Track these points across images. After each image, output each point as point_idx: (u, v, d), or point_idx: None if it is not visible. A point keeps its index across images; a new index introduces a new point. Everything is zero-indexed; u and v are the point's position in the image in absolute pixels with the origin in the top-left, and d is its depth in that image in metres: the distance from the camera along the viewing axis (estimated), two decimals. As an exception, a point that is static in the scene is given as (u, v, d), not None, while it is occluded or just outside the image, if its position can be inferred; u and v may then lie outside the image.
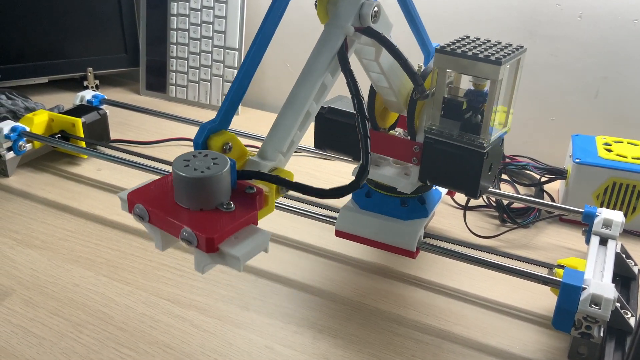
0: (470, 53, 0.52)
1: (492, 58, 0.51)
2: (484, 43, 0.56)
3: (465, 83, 0.59)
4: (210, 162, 0.42)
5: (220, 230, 0.40)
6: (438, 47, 0.54)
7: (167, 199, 0.43)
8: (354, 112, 0.63)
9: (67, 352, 0.55)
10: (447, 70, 0.55)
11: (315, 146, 0.67)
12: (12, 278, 0.64)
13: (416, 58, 0.57)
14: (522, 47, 0.56)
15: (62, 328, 0.57)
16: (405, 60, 0.50)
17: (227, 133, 0.47)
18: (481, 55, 0.52)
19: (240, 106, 1.12)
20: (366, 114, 0.46)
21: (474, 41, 0.57)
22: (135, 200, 0.43)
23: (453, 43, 0.55)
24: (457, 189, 0.60)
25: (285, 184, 0.45)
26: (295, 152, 0.91)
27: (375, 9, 0.49)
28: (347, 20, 0.48)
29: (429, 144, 0.57)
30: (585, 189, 0.76)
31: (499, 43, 0.57)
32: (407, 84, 0.58)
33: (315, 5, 0.51)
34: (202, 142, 0.46)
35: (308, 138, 0.61)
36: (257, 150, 0.48)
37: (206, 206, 0.42)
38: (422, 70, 0.58)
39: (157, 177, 0.78)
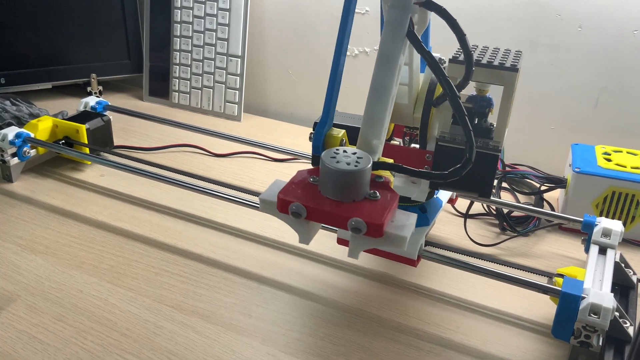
0: (484, 61, 0.54)
1: (507, 65, 0.53)
2: (484, 50, 0.58)
3: (467, 90, 0.60)
4: (355, 157, 0.46)
5: (385, 216, 0.44)
6: (449, 57, 0.55)
7: (315, 194, 0.46)
8: (354, 126, 0.65)
9: (71, 358, 0.55)
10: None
11: (313, 164, 0.67)
12: (17, 284, 0.65)
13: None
14: (520, 51, 0.57)
15: (66, 334, 0.58)
16: (464, 35, 0.51)
17: (338, 130, 0.51)
18: (496, 63, 0.53)
19: (242, 112, 1.13)
20: (458, 93, 0.47)
21: (474, 49, 0.58)
22: (288, 199, 0.46)
23: (458, 52, 0.56)
24: (469, 191, 0.61)
25: (413, 173, 0.49)
26: (295, 158, 0.92)
27: None
28: None
29: (442, 151, 0.58)
30: (584, 198, 0.76)
31: (498, 49, 0.58)
32: (418, 87, 0.59)
33: None
34: (322, 143, 0.50)
35: (306, 143, 0.62)
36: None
37: (357, 197, 0.46)
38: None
39: (160, 184, 0.79)
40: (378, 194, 0.46)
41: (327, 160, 0.46)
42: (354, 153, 0.47)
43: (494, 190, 0.78)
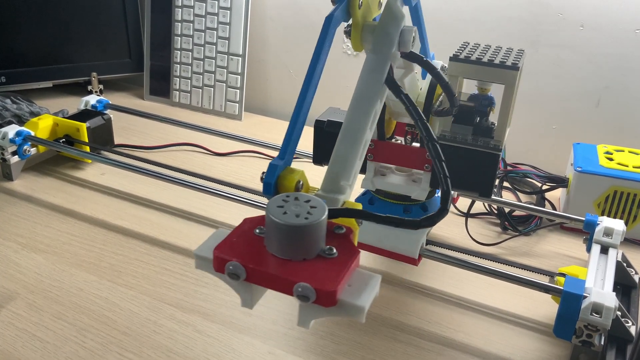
0: (485, 59, 0.53)
1: (508, 63, 0.53)
2: (486, 49, 0.57)
3: (466, 88, 0.60)
4: (307, 206, 0.39)
5: (337, 280, 0.36)
6: (450, 56, 0.55)
7: (259, 251, 0.39)
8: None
9: (71, 356, 0.55)
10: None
11: (314, 161, 0.67)
12: (17, 282, 0.64)
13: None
14: (522, 50, 0.57)
15: (66, 332, 0.58)
16: (447, 82, 0.50)
17: (297, 170, 0.45)
18: (497, 61, 0.53)
19: (243, 111, 1.13)
20: (435, 138, 0.44)
21: (476, 47, 0.58)
22: (226, 257, 0.38)
23: (459, 51, 0.56)
24: (470, 190, 0.61)
25: (377, 219, 0.41)
26: (296, 157, 0.92)
27: (414, 33, 0.49)
28: (390, 47, 0.48)
29: (444, 149, 0.58)
30: (586, 198, 0.76)
31: (500, 48, 0.58)
32: (416, 92, 0.59)
33: (347, 33, 0.49)
34: (274, 182, 0.44)
35: (307, 142, 0.62)
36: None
37: (309, 255, 0.38)
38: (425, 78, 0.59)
39: (161, 182, 0.79)
40: (335, 251, 0.38)
41: (272, 211, 0.38)
42: (307, 201, 0.39)
43: (495, 189, 0.78)
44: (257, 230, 0.40)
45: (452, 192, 0.62)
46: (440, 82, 0.49)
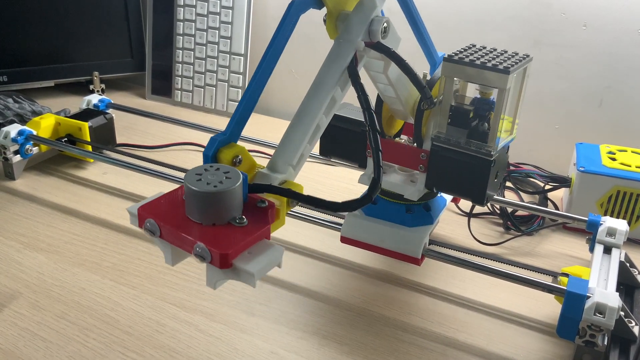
0: (478, 62, 0.53)
1: (501, 67, 0.52)
2: (490, 52, 0.57)
3: (471, 91, 0.60)
4: (223, 176, 0.42)
5: (235, 245, 0.39)
6: (445, 56, 0.55)
7: (178, 213, 0.42)
8: (362, 120, 0.64)
9: (74, 355, 0.55)
10: (454, 78, 0.55)
11: (320, 153, 0.67)
12: (19, 281, 0.64)
13: (422, 66, 0.58)
14: (528, 55, 0.56)
15: (68, 332, 0.58)
16: (415, 74, 0.50)
17: (237, 146, 0.46)
18: (489, 64, 0.52)
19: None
20: (378, 128, 0.46)
21: (480, 50, 0.57)
22: (145, 214, 0.42)
23: (460, 52, 0.56)
24: (463, 196, 0.60)
25: (297, 197, 0.44)
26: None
27: (385, 24, 0.49)
28: (357, 35, 0.48)
29: (435, 151, 0.57)
30: (589, 198, 0.76)
31: (505, 52, 0.57)
32: (413, 93, 0.59)
33: (324, 20, 0.51)
34: (212, 154, 0.45)
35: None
36: (267, 161, 0.48)
37: (219, 221, 0.41)
38: (428, 78, 0.58)
39: (162, 182, 0.79)
40: (245, 220, 0.41)
41: (188, 178, 0.41)
42: (227, 172, 0.42)
43: (497, 192, 0.78)
44: (184, 197, 0.42)
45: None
46: (408, 74, 0.50)
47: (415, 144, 0.64)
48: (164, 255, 0.43)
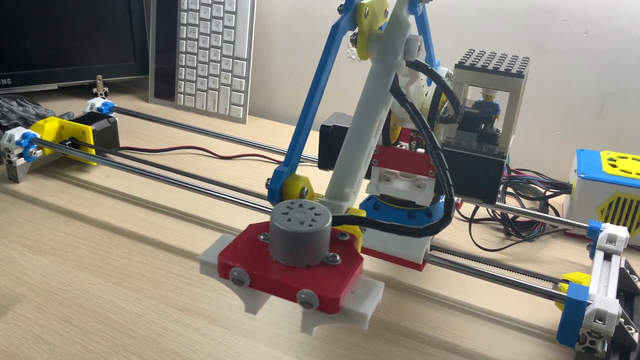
0: (490, 67, 0.54)
1: (513, 71, 0.53)
2: (492, 56, 0.58)
3: (472, 95, 0.61)
4: (311, 214, 0.39)
5: (341, 288, 0.37)
6: (456, 63, 0.56)
7: (263, 257, 0.39)
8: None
9: (77, 358, 0.55)
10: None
11: (319, 166, 0.67)
12: (23, 284, 0.65)
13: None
14: (527, 58, 0.57)
15: (72, 335, 0.58)
16: (452, 91, 0.50)
17: (302, 177, 0.46)
18: (502, 69, 0.53)
19: (247, 115, 1.14)
20: (439, 146, 0.45)
21: (482, 54, 0.58)
22: (230, 262, 0.38)
23: (465, 58, 0.56)
24: (474, 197, 0.61)
25: (380, 227, 0.42)
26: (301, 162, 0.92)
27: (419, 42, 0.49)
28: (396, 55, 0.48)
29: (449, 156, 0.58)
30: (589, 204, 0.76)
31: (506, 55, 0.58)
32: (421, 99, 0.59)
33: (353, 41, 0.50)
34: (279, 189, 0.45)
35: (311, 147, 0.62)
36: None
37: (313, 262, 0.38)
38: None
39: (165, 185, 0.79)
40: (339, 258, 0.39)
41: (276, 218, 0.38)
42: (312, 208, 0.39)
43: (499, 195, 0.78)
44: (262, 237, 0.40)
45: (456, 198, 0.62)
46: (445, 91, 0.50)
47: (417, 150, 0.64)
48: (245, 304, 0.40)
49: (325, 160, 0.66)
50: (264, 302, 0.41)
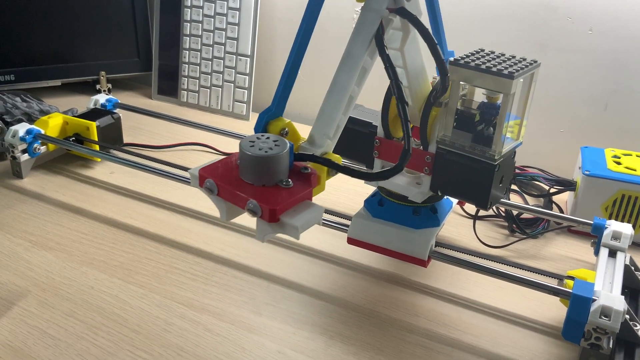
0: (484, 66, 0.53)
1: (505, 72, 0.52)
2: (498, 57, 0.57)
3: (479, 95, 0.60)
4: (273, 144, 0.48)
5: (281, 202, 0.45)
6: (452, 57, 0.55)
7: (233, 175, 0.48)
8: (369, 121, 0.65)
9: (83, 353, 0.55)
10: (461, 82, 0.56)
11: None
12: (28, 279, 0.65)
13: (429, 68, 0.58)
14: (536, 61, 0.56)
15: (77, 330, 0.58)
16: (435, 44, 0.49)
17: (283, 119, 0.52)
18: (494, 69, 0.52)
19: (250, 112, 1.14)
20: (405, 99, 0.48)
21: (488, 54, 0.57)
22: (206, 175, 0.48)
23: (468, 56, 0.56)
24: (467, 199, 0.60)
25: (335, 167, 0.50)
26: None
27: None
28: (382, 3, 0.49)
29: (440, 154, 0.58)
30: (594, 201, 0.76)
31: (514, 57, 0.57)
32: (424, 89, 0.59)
33: None
34: (262, 129, 0.51)
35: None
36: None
37: (268, 182, 0.47)
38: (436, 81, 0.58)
39: (169, 181, 0.79)
40: (291, 183, 0.47)
41: (243, 144, 0.47)
42: (275, 140, 0.48)
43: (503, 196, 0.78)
44: (239, 161, 0.49)
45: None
46: (428, 43, 0.49)
47: (421, 147, 0.64)
48: (219, 212, 0.49)
49: (336, 149, 0.66)
50: (237, 215, 0.50)
